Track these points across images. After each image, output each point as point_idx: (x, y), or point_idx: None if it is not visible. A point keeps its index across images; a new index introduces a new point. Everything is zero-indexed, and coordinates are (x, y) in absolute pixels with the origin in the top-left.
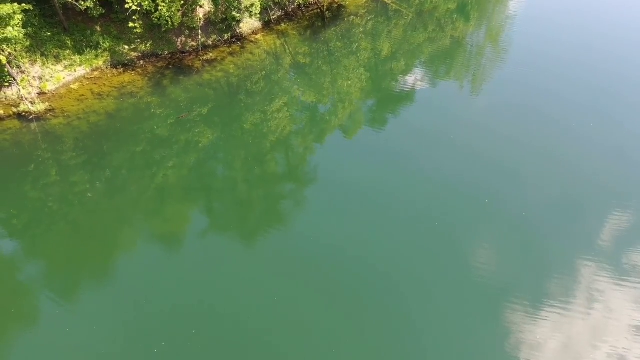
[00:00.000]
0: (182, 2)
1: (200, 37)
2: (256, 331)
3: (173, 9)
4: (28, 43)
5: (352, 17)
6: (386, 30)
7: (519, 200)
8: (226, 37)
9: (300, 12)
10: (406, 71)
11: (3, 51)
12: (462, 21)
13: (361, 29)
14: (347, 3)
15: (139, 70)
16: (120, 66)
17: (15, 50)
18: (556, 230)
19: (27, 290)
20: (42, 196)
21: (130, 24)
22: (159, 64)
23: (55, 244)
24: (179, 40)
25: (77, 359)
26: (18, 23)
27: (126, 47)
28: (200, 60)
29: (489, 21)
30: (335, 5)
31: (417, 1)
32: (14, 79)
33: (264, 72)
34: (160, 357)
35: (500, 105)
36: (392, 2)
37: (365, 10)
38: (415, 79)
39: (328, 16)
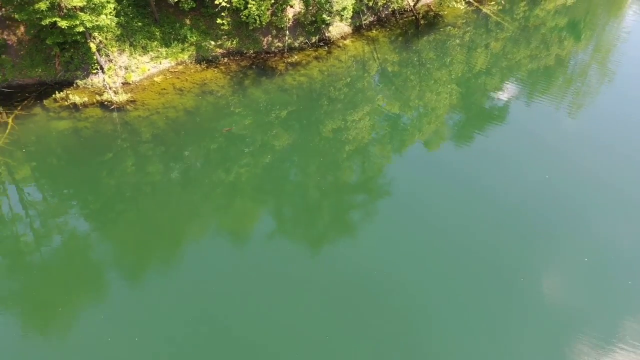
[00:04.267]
0: (273, 1)
1: (287, 38)
2: (318, 346)
3: (262, 8)
4: (119, 32)
5: (448, 27)
6: (484, 44)
7: (607, 242)
8: (313, 40)
9: (394, 19)
10: (500, 88)
11: (94, 39)
12: (572, 40)
13: (457, 41)
14: (445, 12)
15: (222, 67)
16: (204, 62)
17: (106, 39)
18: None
19: (93, 271)
20: (117, 184)
21: (219, 20)
22: (243, 63)
23: (124, 232)
24: (265, 39)
25: (129, 343)
26: (111, 11)
27: (212, 42)
28: (284, 62)
29: (598, 40)
30: (432, 14)
31: (522, 15)
32: (101, 67)
33: (348, 79)
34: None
35: (597, 136)
36: (495, 14)
37: (464, 20)
38: (508, 97)
39: (423, 24)
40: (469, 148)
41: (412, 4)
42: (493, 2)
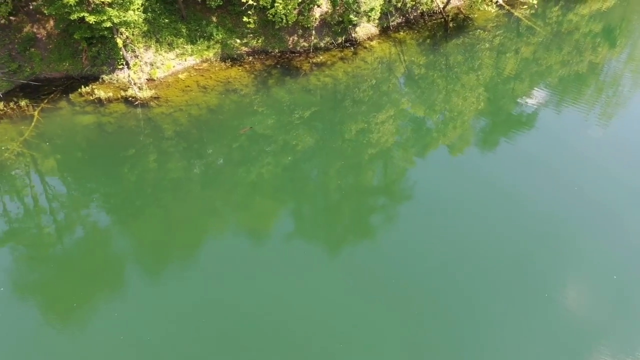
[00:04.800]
0: (300, 0)
1: (313, 37)
2: (328, 348)
3: (289, 7)
4: (146, 28)
5: (478, 30)
6: (514, 48)
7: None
8: (339, 40)
9: (422, 21)
10: (529, 94)
11: (121, 34)
12: (606, 46)
13: (487, 45)
14: (475, 15)
15: (246, 66)
16: (228, 60)
17: (133, 35)
18: None
19: (110, 267)
20: (139, 180)
21: (245, 18)
22: (267, 62)
23: (143, 228)
24: (291, 39)
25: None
26: (139, 7)
27: (238, 41)
28: (309, 62)
29: (633, 48)
30: (462, 17)
31: (555, 20)
32: (127, 63)
33: (373, 81)
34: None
35: (628, 147)
36: (527, 18)
37: (495, 24)
38: (537, 102)
39: (452, 27)
40: (495, 155)
41: (441, 6)
42: (525, 6)
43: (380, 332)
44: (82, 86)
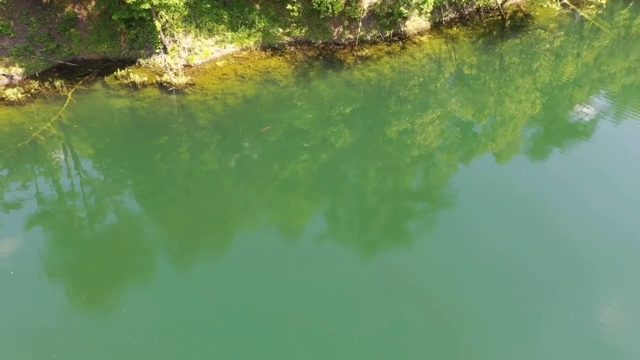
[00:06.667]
0: None
1: (359, 30)
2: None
3: None
4: (186, 12)
5: (538, 30)
6: (576, 52)
7: None
8: (387, 34)
9: (478, 17)
10: (588, 102)
11: (161, 17)
12: None
13: (546, 46)
14: (536, 14)
15: (287, 56)
16: (269, 49)
17: (173, 19)
18: None
19: (133, 257)
20: (170, 168)
21: (289, 7)
22: (310, 53)
23: (173, 216)
24: (336, 30)
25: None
26: None
27: (280, 30)
28: (353, 55)
29: None
30: (521, 15)
31: (623, 23)
32: (165, 48)
33: (421, 79)
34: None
35: None
36: (592, 19)
37: (557, 24)
38: (595, 112)
39: (509, 25)
40: (546, 165)
41: (499, 2)
42: (592, 6)
43: (407, 341)
44: (118, 69)
